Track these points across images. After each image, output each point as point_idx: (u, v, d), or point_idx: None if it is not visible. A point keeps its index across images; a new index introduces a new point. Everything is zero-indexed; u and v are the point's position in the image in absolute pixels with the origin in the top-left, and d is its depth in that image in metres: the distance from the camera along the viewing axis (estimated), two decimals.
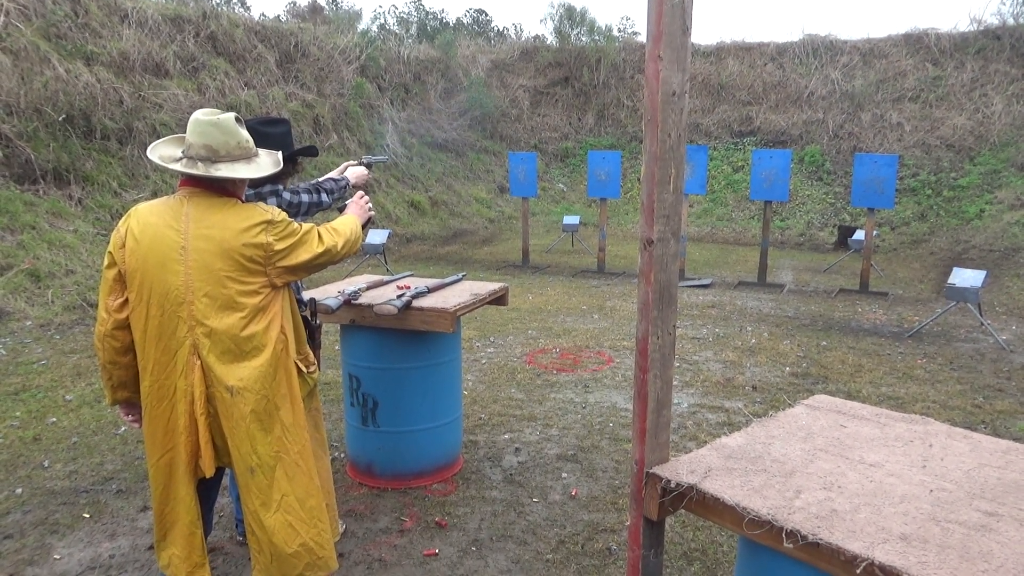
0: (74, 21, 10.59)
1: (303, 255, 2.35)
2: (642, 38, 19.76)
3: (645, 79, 1.81)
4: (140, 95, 10.75)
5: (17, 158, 8.72)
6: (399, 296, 3.63)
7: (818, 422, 2.30)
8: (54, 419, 4.81)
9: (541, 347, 6.76)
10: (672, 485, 1.90)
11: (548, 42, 21.24)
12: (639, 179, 17.57)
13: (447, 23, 25.00)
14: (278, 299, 2.36)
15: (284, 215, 2.34)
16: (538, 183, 12.29)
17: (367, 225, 2.87)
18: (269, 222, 2.27)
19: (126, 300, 2.27)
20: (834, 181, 15.71)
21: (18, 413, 4.89)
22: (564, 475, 4.09)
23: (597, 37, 20.18)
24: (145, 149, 10.31)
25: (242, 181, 2.36)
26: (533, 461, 4.27)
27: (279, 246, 2.28)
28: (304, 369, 2.46)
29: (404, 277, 4.35)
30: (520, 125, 19.31)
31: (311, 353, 2.58)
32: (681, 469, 1.96)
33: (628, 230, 15.91)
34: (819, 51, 17.85)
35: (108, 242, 2.25)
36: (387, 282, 4.15)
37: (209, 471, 2.30)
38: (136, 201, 9.65)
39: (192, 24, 12.60)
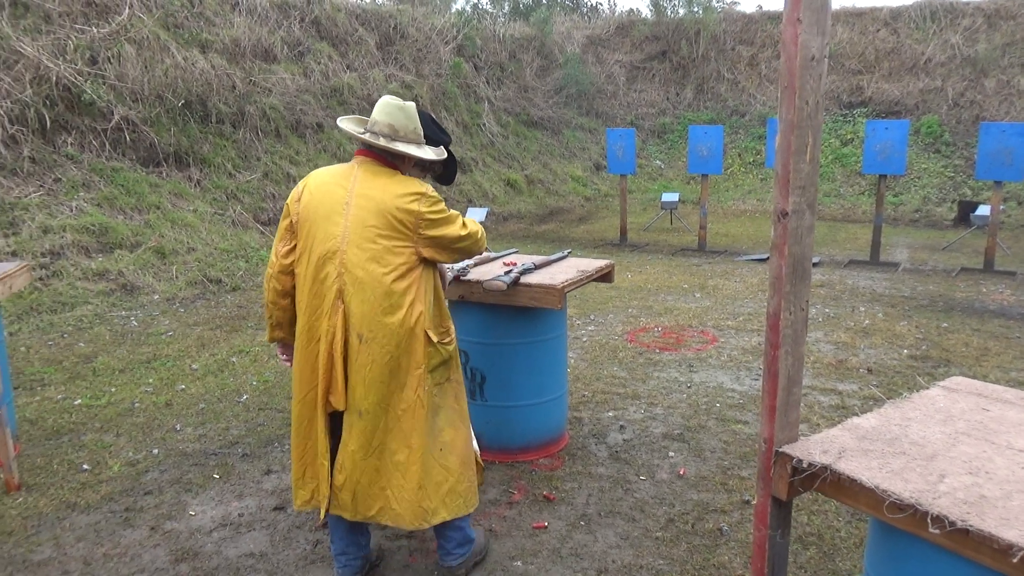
0: (190, 11, 11.12)
1: (448, 231, 2.61)
2: (742, 8, 19.03)
3: (782, 44, 1.73)
4: (251, 80, 11.21)
5: (142, 142, 9.29)
6: (506, 272, 3.66)
7: (957, 405, 2.18)
8: (183, 386, 5.13)
9: (642, 325, 6.68)
10: (804, 465, 1.84)
11: (644, 16, 20.76)
12: (739, 155, 17.01)
13: (541, 0, 24.78)
14: (419, 268, 2.59)
15: (437, 195, 2.58)
16: (636, 160, 12.06)
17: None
18: (423, 195, 2.55)
19: (293, 247, 2.59)
20: (953, 153, 14.72)
21: (151, 380, 5.25)
22: (671, 454, 4.04)
23: (695, 9, 19.54)
24: (256, 132, 10.82)
25: (411, 159, 2.66)
26: (638, 439, 4.25)
27: (429, 216, 2.53)
28: (435, 339, 2.61)
29: (509, 254, 4.38)
30: (616, 101, 19.01)
31: (452, 328, 2.79)
32: (813, 449, 1.90)
33: (729, 207, 15.45)
34: (937, 14, 16.68)
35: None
36: (493, 259, 4.19)
37: (340, 405, 2.53)
38: (249, 182, 10.12)
39: (297, 10, 13.00)
